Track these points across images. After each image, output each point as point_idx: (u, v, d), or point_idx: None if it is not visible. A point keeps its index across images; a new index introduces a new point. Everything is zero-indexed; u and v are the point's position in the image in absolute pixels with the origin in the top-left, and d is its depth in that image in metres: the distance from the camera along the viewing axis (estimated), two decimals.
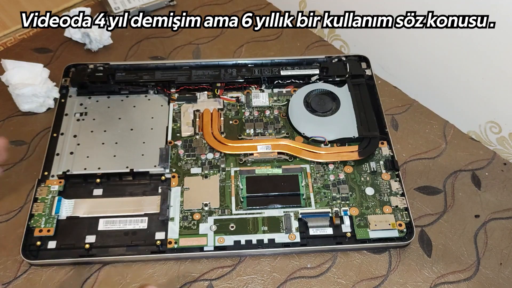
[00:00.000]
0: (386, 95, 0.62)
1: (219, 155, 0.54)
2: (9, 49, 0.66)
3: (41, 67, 0.59)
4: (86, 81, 0.59)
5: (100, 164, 0.53)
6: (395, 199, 0.51)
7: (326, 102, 0.58)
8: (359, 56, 0.64)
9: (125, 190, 0.52)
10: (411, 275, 0.47)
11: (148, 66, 0.61)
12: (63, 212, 0.50)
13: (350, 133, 0.55)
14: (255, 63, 0.62)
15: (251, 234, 0.49)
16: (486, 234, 0.50)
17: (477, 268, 0.48)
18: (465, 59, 0.59)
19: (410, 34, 0.63)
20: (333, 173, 0.53)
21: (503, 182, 0.54)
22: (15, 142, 0.56)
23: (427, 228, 0.51)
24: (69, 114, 0.57)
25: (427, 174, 0.55)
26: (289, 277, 0.47)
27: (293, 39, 0.69)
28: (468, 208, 0.52)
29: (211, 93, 0.60)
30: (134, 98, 0.59)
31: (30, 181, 0.53)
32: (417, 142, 0.58)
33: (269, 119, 0.58)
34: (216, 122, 0.57)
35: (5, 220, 0.50)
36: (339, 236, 0.49)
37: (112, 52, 0.67)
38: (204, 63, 0.62)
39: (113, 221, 0.49)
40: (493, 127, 0.60)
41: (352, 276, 0.47)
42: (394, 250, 0.49)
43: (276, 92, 0.60)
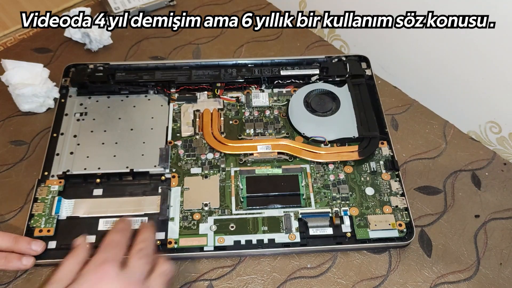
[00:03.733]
0: (386, 95, 0.62)
1: (219, 155, 0.54)
2: (9, 49, 0.66)
3: (41, 67, 0.59)
4: (86, 81, 0.59)
5: (100, 164, 0.53)
6: (395, 199, 0.51)
7: (326, 102, 0.58)
8: (359, 56, 0.64)
9: (125, 190, 0.52)
10: (411, 275, 0.47)
11: (148, 66, 0.61)
12: (63, 212, 0.50)
13: (350, 133, 0.55)
14: (255, 63, 0.62)
15: (251, 234, 0.49)
16: (486, 234, 0.50)
17: (477, 268, 0.48)
18: (465, 59, 0.59)
19: (410, 34, 0.63)
20: (333, 173, 0.53)
21: (503, 182, 0.54)
22: (15, 142, 0.56)
23: (427, 228, 0.51)
24: (69, 114, 0.57)
25: (427, 174, 0.55)
26: (289, 277, 0.47)
27: (293, 39, 0.69)
28: (468, 208, 0.52)
29: (211, 93, 0.60)
30: (134, 98, 0.59)
31: (30, 181, 0.53)
32: (417, 142, 0.58)
33: (269, 119, 0.58)
34: (216, 122, 0.57)
35: (5, 220, 0.50)
36: (339, 236, 0.49)
37: (112, 52, 0.67)
38: (204, 63, 0.62)
39: (113, 221, 0.49)
40: (493, 127, 0.60)
41: (352, 276, 0.47)
42: (394, 250, 0.49)
43: (276, 92, 0.60)
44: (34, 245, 0.46)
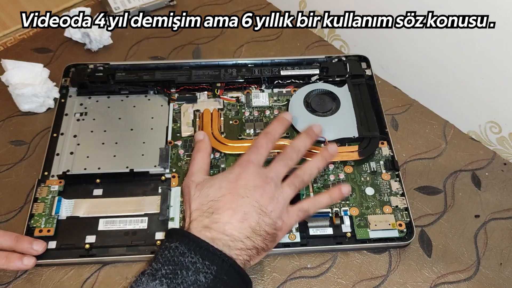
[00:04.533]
0: (386, 95, 0.62)
1: (219, 155, 0.54)
2: (9, 49, 0.66)
3: (41, 67, 0.59)
4: (86, 81, 0.59)
5: (100, 164, 0.53)
6: (395, 199, 0.51)
7: (326, 102, 0.58)
8: (359, 56, 0.64)
9: (125, 190, 0.52)
10: (411, 275, 0.47)
11: (148, 66, 0.61)
12: (63, 212, 0.50)
13: (350, 133, 0.55)
14: (255, 63, 0.62)
15: None
16: (486, 234, 0.50)
17: (477, 268, 0.48)
18: (465, 59, 0.59)
19: (410, 34, 0.63)
20: (333, 173, 0.53)
21: (503, 182, 0.54)
22: (15, 142, 0.56)
23: (427, 228, 0.51)
24: (69, 114, 0.57)
25: (427, 174, 0.55)
26: (289, 277, 0.47)
27: (293, 39, 0.69)
28: (468, 208, 0.52)
29: (211, 93, 0.60)
30: (134, 98, 0.59)
31: (30, 181, 0.53)
32: (417, 142, 0.58)
33: (269, 119, 0.58)
34: (216, 122, 0.57)
35: (5, 220, 0.50)
36: (339, 236, 0.49)
37: (112, 52, 0.67)
38: (204, 63, 0.62)
39: (113, 221, 0.49)
40: (493, 127, 0.60)
41: (352, 276, 0.47)
42: (394, 250, 0.49)
43: (276, 92, 0.60)
44: (35, 244, 0.46)
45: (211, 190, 0.43)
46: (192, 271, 0.37)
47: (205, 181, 0.44)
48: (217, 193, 0.42)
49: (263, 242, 0.41)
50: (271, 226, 0.42)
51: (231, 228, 0.40)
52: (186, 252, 0.38)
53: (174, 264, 0.37)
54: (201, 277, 0.37)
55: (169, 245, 0.39)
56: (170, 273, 0.37)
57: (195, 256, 0.38)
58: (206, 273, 0.37)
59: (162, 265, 0.38)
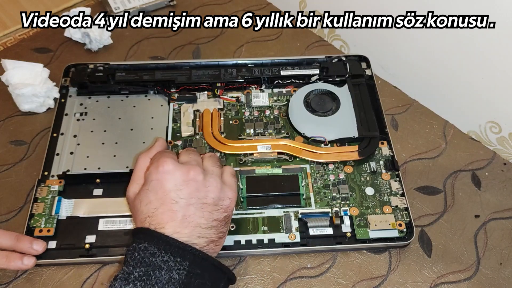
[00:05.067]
0: (386, 95, 0.62)
1: (219, 155, 0.54)
2: (9, 49, 0.67)
3: (41, 67, 0.59)
4: (86, 81, 0.59)
5: (100, 164, 0.53)
6: (395, 199, 0.51)
7: (326, 102, 0.58)
8: (359, 56, 0.64)
9: (125, 190, 0.51)
10: (411, 275, 0.47)
11: (148, 66, 0.61)
12: (63, 212, 0.50)
13: (350, 133, 0.55)
14: (255, 63, 0.62)
15: (251, 234, 0.49)
16: (486, 234, 0.50)
17: (477, 268, 0.48)
18: (465, 59, 0.59)
19: (410, 34, 0.63)
20: (333, 173, 0.53)
21: (503, 182, 0.54)
22: (15, 142, 0.56)
23: (427, 228, 0.51)
24: (69, 114, 0.57)
25: (427, 174, 0.55)
26: (289, 277, 0.47)
27: (293, 39, 0.69)
28: (468, 208, 0.52)
29: (211, 93, 0.60)
30: (134, 98, 0.59)
31: (30, 181, 0.53)
32: (417, 142, 0.58)
33: (269, 119, 0.58)
34: (216, 122, 0.57)
35: (5, 220, 0.50)
36: (339, 236, 0.49)
37: (112, 52, 0.67)
38: (204, 63, 0.62)
39: (113, 221, 0.49)
40: (493, 127, 0.60)
41: (352, 276, 0.47)
42: (394, 250, 0.49)
43: (276, 92, 0.60)
44: (35, 244, 0.46)
45: (143, 206, 0.41)
46: (165, 270, 0.37)
47: (136, 196, 0.43)
48: (149, 208, 0.41)
49: (216, 233, 0.42)
50: (219, 212, 0.42)
51: (180, 236, 0.39)
52: (156, 252, 0.38)
53: (146, 265, 0.37)
54: (174, 275, 0.37)
55: (138, 246, 0.38)
56: (143, 275, 0.36)
57: (166, 255, 0.37)
58: (179, 270, 0.37)
59: (133, 267, 0.37)
